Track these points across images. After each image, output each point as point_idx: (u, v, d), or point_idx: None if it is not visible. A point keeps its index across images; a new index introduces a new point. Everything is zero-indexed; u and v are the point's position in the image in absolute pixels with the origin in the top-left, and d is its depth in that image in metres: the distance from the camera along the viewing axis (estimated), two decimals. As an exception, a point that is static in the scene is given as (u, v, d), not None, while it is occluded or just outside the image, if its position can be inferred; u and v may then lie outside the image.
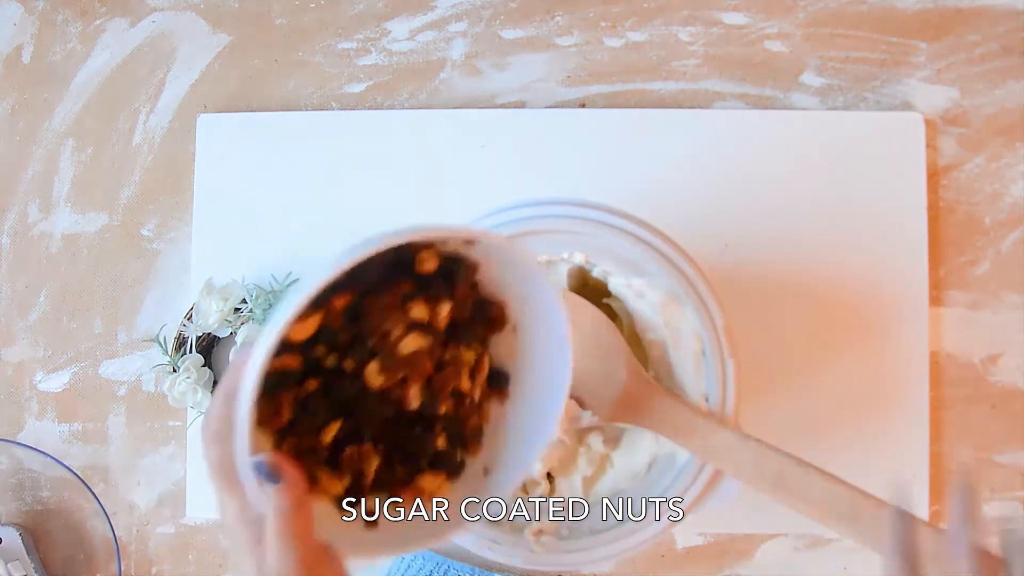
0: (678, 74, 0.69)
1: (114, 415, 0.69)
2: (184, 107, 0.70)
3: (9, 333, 0.70)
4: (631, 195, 0.66)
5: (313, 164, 0.68)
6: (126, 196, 0.70)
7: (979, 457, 0.65)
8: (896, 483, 0.39)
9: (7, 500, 0.69)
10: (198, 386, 0.63)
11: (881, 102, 0.68)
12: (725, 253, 0.65)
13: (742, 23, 0.68)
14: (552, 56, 0.69)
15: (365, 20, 0.70)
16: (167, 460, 0.68)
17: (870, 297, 0.65)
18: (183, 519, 0.68)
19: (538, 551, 0.47)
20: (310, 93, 0.70)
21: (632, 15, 0.69)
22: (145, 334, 0.69)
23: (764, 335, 0.65)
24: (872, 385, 0.65)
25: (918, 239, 0.65)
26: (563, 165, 0.67)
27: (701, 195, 0.66)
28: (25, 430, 0.69)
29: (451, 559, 0.64)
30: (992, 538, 0.35)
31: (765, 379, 0.64)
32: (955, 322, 0.66)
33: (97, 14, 0.72)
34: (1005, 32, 0.68)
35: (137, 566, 0.68)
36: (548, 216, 0.50)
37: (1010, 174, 0.67)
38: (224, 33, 0.71)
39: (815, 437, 0.64)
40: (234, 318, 0.63)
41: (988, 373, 0.66)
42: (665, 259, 0.49)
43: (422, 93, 0.70)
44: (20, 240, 0.71)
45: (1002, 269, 0.66)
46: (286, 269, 0.66)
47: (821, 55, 0.68)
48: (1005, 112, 0.67)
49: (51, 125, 0.71)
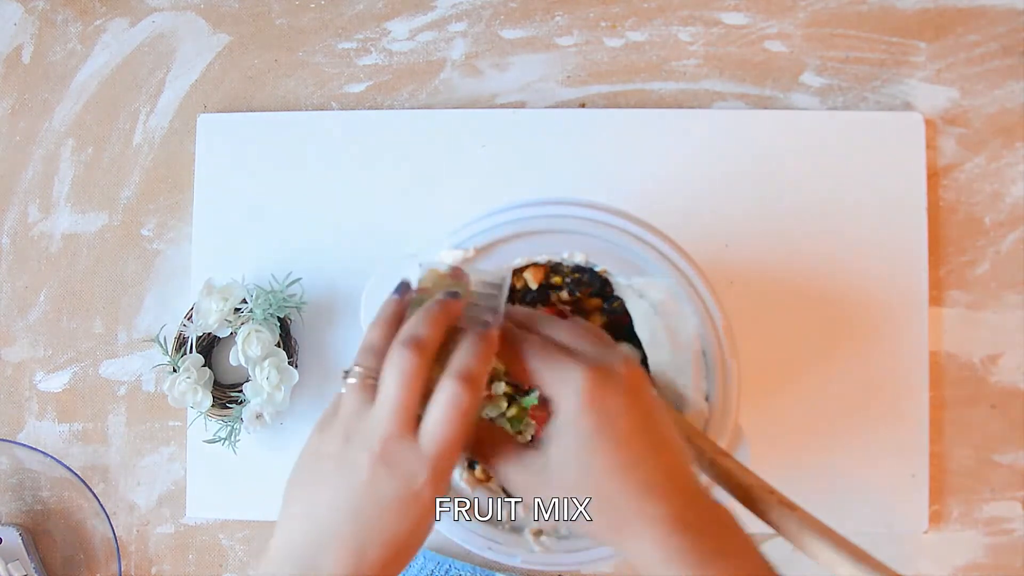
0: (678, 74, 0.69)
1: (114, 415, 0.69)
2: (184, 107, 0.70)
3: (9, 333, 0.70)
4: (631, 195, 0.66)
5: (313, 164, 0.68)
6: (126, 196, 0.70)
7: (979, 457, 0.65)
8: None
9: (7, 500, 0.69)
10: (198, 386, 0.63)
11: (881, 102, 0.68)
12: (725, 253, 0.65)
13: (742, 23, 0.68)
14: (552, 56, 0.69)
15: (365, 20, 0.70)
16: (167, 460, 0.68)
17: (870, 297, 0.65)
18: (183, 519, 0.68)
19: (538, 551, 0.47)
20: (310, 93, 0.70)
21: (632, 15, 0.69)
22: (145, 334, 0.69)
23: (764, 335, 0.65)
24: (872, 385, 0.65)
25: (918, 239, 0.65)
26: (563, 165, 0.67)
27: (701, 195, 0.66)
28: (25, 430, 0.69)
29: (451, 559, 0.65)
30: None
31: (765, 379, 0.64)
32: (955, 322, 0.66)
33: (97, 14, 0.72)
34: (1005, 32, 0.68)
35: (137, 566, 0.68)
36: (548, 216, 0.50)
37: (1010, 174, 0.67)
38: (224, 33, 0.71)
39: (815, 437, 0.64)
40: (234, 318, 0.63)
41: (988, 373, 0.66)
42: (665, 259, 0.49)
43: (422, 93, 0.70)
44: (20, 240, 0.71)
45: (1002, 269, 0.66)
46: (286, 269, 0.66)
47: (821, 55, 0.68)
48: (1005, 112, 0.67)
49: (51, 125, 0.71)
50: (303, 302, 0.66)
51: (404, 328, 0.38)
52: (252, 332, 0.62)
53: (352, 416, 0.37)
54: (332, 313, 0.67)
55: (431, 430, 0.35)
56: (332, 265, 0.67)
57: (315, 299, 0.67)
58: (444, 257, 0.49)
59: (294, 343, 0.66)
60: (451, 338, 0.39)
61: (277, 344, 0.63)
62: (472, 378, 0.36)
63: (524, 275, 0.51)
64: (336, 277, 0.67)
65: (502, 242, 0.49)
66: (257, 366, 0.62)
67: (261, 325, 0.63)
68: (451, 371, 0.36)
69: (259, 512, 0.67)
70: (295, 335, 0.66)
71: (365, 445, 0.35)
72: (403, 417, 0.35)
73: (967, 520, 0.65)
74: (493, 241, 0.49)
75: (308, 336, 0.67)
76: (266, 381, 0.62)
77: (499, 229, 0.49)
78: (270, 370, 0.62)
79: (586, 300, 0.52)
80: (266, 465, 0.67)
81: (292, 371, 0.63)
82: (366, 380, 0.37)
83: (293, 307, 0.65)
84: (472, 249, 0.49)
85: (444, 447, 0.35)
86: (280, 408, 0.63)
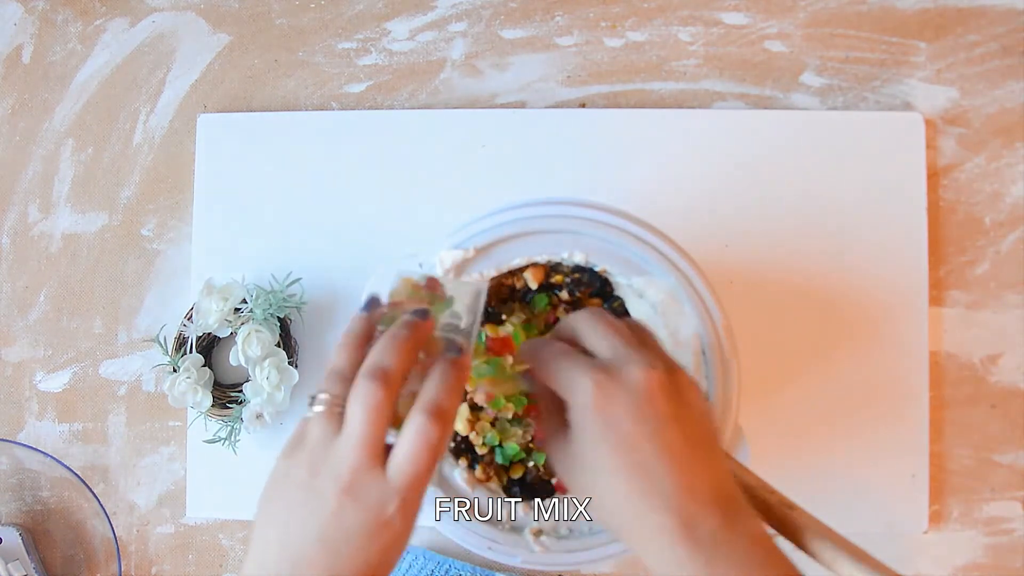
0: (678, 74, 0.69)
1: (114, 415, 0.69)
2: (184, 107, 0.70)
3: (9, 333, 0.70)
4: (631, 195, 0.66)
5: (313, 164, 0.68)
6: (126, 196, 0.70)
7: (979, 457, 0.65)
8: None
9: (7, 500, 0.69)
10: (198, 386, 0.63)
11: (881, 102, 0.68)
12: (725, 253, 0.65)
13: (742, 23, 0.68)
14: (552, 56, 0.69)
15: (365, 20, 0.70)
16: (167, 460, 0.68)
17: (870, 297, 0.65)
18: (183, 519, 0.68)
19: (538, 551, 0.47)
20: (310, 93, 0.70)
21: (632, 15, 0.69)
22: (145, 334, 0.69)
23: (764, 335, 0.65)
24: (872, 385, 0.65)
25: (918, 239, 0.65)
26: (563, 165, 0.67)
27: (701, 195, 0.66)
28: (25, 430, 0.69)
29: (451, 559, 0.65)
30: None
31: (765, 379, 0.64)
32: (955, 322, 0.66)
33: (97, 14, 0.72)
34: (1005, 32, 0.68)
35: (137, 566, 0.68)
36: (548, 216, 0.50)
37: (1010, 174, 0.67)
38: (224, 33, 0.71)
39: (815, 437, 0.64)
40: (234, 318, 0.63)
41: (988, 373, 0.66)
42: (665, 259, 0.49)
43: (422, 93, 0.70)
44: (20, 240, 0.71)
45: (1002, 269, 0.66)
46: (286, 269, 0.66)
47: (821, 55, 0.68)
48: (1005, 112, 0.67)
49: (51, 125, 0.71)
50: (303, 302, 0.66)
51: (370, 356, 0.37)
52: (252, 332, 0.62)
53: (318, 445, 0.37)
54: (332, 313, 0.67)
55: (400, 464, 0.36)
56: (332, 265, 0.67)
57: (315, 299, 0.67)
58: (444, 257, 0.49)
59: (294, 343, 0.66)
60: (427, 351, 0.39)
61: (277, 344, 0.63)
62: (441, 412, 0.36)
63: (524, 275, 0.51)
64: (336, 277, 0.67)
65: (502, 242, 0.49)
66: (257, 366, 0.62)
67: (261, 325, 0.63)
68: (421, 404, 0.36)
69: (259, 512, 0.67)
70: (295, 335, 0.66)
71: (331, 475, 0.36)
72: (370, 450, 0.36)
73: (967, 520, 0.65)
74: (493, 241, 0.49)
75: (308, 336, 0.67)
76: (266, 381, 0.62)
77: (499, 229, 0.49)
78: (270, 370, 0.62)
79: (586, 300, 0.52)
80: (266, 465, 0.66)
81: (292, 371, 0.63)
82: (332, 408, 0.37)
83: (293, 307, 0.65)
84: (472, 249, 0.49)
85: (413, 479, 0.36)
86: (280, 408, 0.63)
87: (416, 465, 0.36)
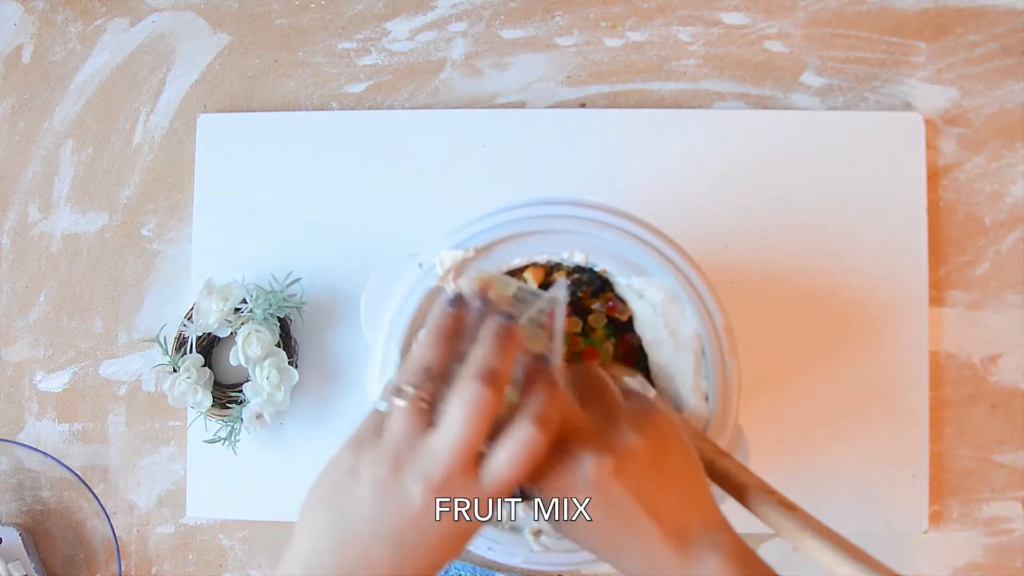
0: (678, 74, 0.69)
1: (114, 415, 0.69)
2: (184, 107, 0.70)
3: (9, 333, 0.70)
4: (631, 195, 0.66)
5: (313, 164, 0.68)
6: (126, 196, 0.70)
7: (979, 457, 0.65)
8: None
9: (7, 500, 0.69)
10: (198, 386, 0.63)
11: (881, 102, 0.68)
12: (725, 253, 0.65)
13: (742, 23, 0.68)
14: (552, 56, 0.69)
15: (365, 20, 0.70)
16: (167, 460, 0.68)
17: (870, 297, 0.65)
18: (183, 519, 0.68)
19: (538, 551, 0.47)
20: (310, 93, 0.70)
21: (632, 15, 0.69)
22: (145, 334, 0.69)
23: (764, 335, 0.65)
24: (872, 385, 0.65)
25: (918, 239, 0.65)
26: (563, 165, 0.67)
27: (701, 195, 0.66)
28: (25, 430, 0.69)
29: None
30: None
31: (765, 379, 0.64)
32: (955, 322, 0.66)
33: (97, 14, 0.72)
34: (1005, 32, 0.68)
35: (137, 566, 0.68)
36: (548, 216, 0.49)
37: (1010, 174, 0.67)
38: (224, 33, 0.71)
39: (815, 436, 0.64)
40: (234, 318, 0.63)
41: (988, 373, 0.66)
42: (665, 259, 0.49)
43: (422, 93, 0.70)
44: (20, 240, 0.71)
45: (1002, 269, 0.66)
46: (286, 269, 0.66)
47: (821, 55, 0.68)
48: (1005, 112, 0.67)
49: (51, 125, 0.71)
50: (303, 302, 0.66)
51: (480, 357, 0.36)
52: (252, 332, 0.62)
53: (402, 441, 0.35)
54: (332, 313, 0.67)
55: (497, 470, 0.34)
56: (332, 265, 0.67)
57: (315, 299, 0.67)
58: (444, 257, 0.49)
59: (294, 343, 0.66)
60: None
61: (277, 344, 0.63)
62: (550, 424, 0.35)
63: (524, 275, 0.51)
64: (336, 277, 0.67)
65: (502, 242, 0.49)
66: (257, 366, 0.62)
67: (261, 325, 0.63)
68: (529, 414, 0.35)
69: (259, 512, 0.67)
70: (295, 335, 0.66)
71: (420, 474, 0.34)
72: (469, 453, 0.34)
73: (967, 520, 0.65)
74: (493, 241, 0.49)
75: (308, 336, 0.67)
76: (266, 381, 0.62)
77: (499, 229, 0.49)
78: (270, 370, 0.62)
79: (586, 300, 0.52)
80: (266, 465, 0.67)
81: (292, 371, 0.63)
82: (418, 403, 0.36)
83: (293, 307, 0.65)
84: (472, 249, 0.49)
85: (506, 487, 0.35)
86: (280, 408, 0.63)
87: (514, 473, 0.34)
